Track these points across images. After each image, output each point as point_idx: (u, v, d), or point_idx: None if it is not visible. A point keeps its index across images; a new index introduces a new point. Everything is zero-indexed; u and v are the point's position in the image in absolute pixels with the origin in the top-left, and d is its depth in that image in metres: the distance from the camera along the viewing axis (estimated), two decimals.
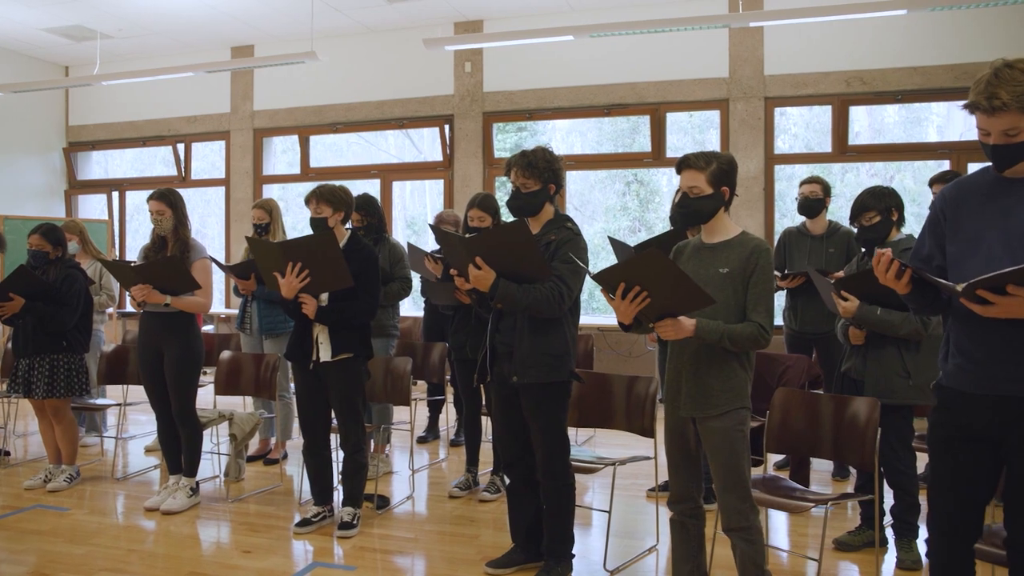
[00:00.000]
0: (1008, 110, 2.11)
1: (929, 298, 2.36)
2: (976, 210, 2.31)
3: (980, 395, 2.28)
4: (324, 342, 4.02)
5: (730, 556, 2.95)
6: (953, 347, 2.37)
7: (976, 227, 2.29)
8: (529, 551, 3.59)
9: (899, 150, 8.16)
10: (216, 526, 4.33)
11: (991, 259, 2.17)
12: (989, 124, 2.16)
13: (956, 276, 2.25)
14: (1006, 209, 2.24)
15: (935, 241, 2.42)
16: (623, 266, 2.80)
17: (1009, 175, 2.27)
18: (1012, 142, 2.17)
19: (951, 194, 2.40)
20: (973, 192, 2.34)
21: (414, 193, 11.24)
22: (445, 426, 6.26)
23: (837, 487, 4.85)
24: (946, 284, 2.20)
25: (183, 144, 9.86)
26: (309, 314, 3.92)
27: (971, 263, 2.24)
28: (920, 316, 3.38)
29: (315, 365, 4.05)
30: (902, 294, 2.33)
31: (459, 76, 8.62)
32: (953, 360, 2.36)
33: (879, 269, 2.30)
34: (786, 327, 5.25)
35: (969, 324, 2.28)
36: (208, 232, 11.01)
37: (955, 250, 2.34)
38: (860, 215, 3.76)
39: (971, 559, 2.40)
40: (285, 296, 3.90)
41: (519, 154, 3.36)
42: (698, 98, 7.92)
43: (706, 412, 2.82)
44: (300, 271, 3.82)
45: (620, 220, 10.17)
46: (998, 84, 2.11)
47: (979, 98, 2.14)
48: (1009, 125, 2.14)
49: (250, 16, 8.39)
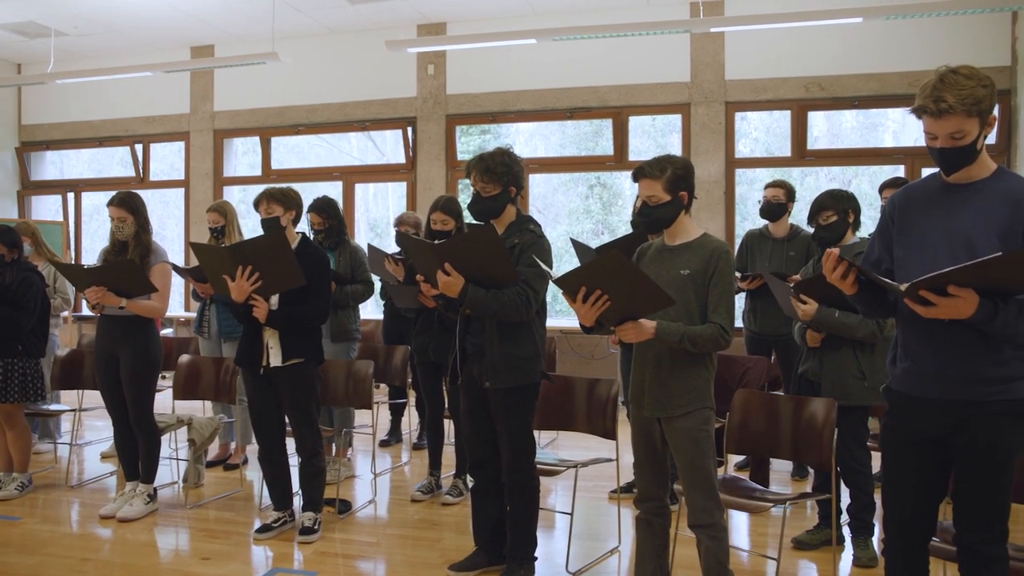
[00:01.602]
0: (953, 113, 2.18)
1: (877, 300, 2.41)
2: (922, 215, 2.38)
3: (927, 398, 2.34)
4: (274, 347, 3.97)
5: (692, 556, 2.98)
6: (901, 350, 2.43)
7: (922, 231, 2.36)
8: (492, 554, 3.58)
9: (856, 155, 8.33)
10: (174, 533, 4.26)
11: (934, 262, 2.23)
12: (935, 127, 2.23)
13: (902, 278, 2.30)
14: (950, 214, 2.31)
15: (884, 245, 2.48)
16: (584, 269, 2.82)
17: (954, 181, 2.33)
18: (957, 145, 2.23)
19: (900, 199, 2.47)
20: (920, 197, 2.41)
21: (377, 195, 11.20)
22: (407, 429, 6.23)
23: (796, 487, 4.91)
24: (891, 284, 2.25)
25: (141, 145, 9.69)
26: (260, 317, 3.86)
27: (916, 265, 2.29)
28: (874, 319, 3.44)
29: (265, 370, 4.01)
30: (849, 295, 2.38)
31: (422, 78, 8.60)
32: (901, 363, 2.42)
33: (827, 268, 2.35)
34: (746, 329, 5.31)
35: (916, 327, 2.34)
36: (167, 234, 10.85)
37: (902, 253, 2.40)
38: (817, 214, 3.83)
39: (925, 556, 2.46)
40: (235, 299, 3.84)
41: (477, 158, 3.36)
42: (660, 102, 7.99)
43: (670, 412, 2.86)
44: (250, 273, 3.78)
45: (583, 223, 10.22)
46: (944, 88, 2.18)
47: (926, 102, 2.21)
48: (954, 128, 2.21)
49: (210, 15, 8.29)
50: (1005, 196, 2.25)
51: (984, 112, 2.21)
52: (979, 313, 2.13)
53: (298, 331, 3.98)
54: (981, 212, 2.27)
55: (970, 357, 2.26)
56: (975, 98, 2.18)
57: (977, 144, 2.25)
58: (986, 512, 2.30)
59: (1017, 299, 2.15)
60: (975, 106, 2.18)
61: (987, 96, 2.20)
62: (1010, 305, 2.14)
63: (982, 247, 2.21)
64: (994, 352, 2.25)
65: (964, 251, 2.23)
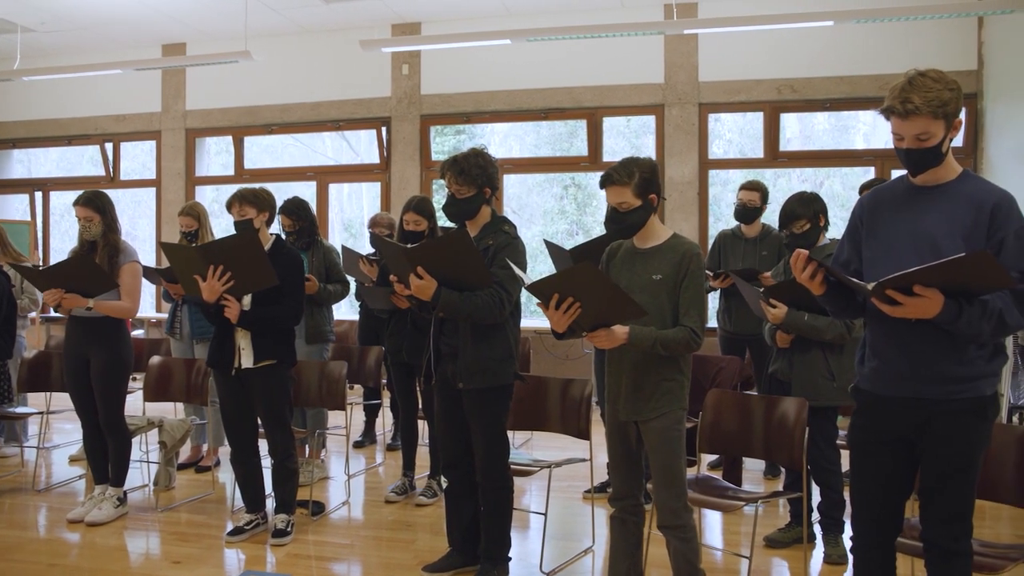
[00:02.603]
0: (920, 114, 2.23)
1: (845, 300, 2.45)
2: (890, 216, 2.42)
3: (895, 397, 2.39)
4: (246, 348, 3.95)
5: (666, 555, 3.00)
6: (869, 350, 2.47)
7: (889, 232, 2.41)
8: (466, 554, 3.58)
9: (828, 156, 8.41)
10: (145, 537, 4.21)
11: (901, 262, 2.27)
12: (903, 128, 2.28)
13: (871, 278, 2.33)
14: (917, 216, 2.36)
15: (853, 246, 2.52)
16: (556, 278, 2.83)
17: (921, 183, 2.38)
18: (923, 147, 2.28)
19: (868, 201, 2.51)
20: (888, 199, 2.46)
21: (351, 196, 11.15)
22: (381, 430, 6.20)
23: (768, 485, 4.95)
24: (858, 284, 2.29)
25: (111, 143, 9.56)
26: (232, 318, 3.83)
27: (883, 266, 2.33)
28: (843, 320, 3.48)
29: (237, 372, 3.97)
30: (817, 295, 2.42)
31: (396, 78, 8.57)
32: (869, 363, 2.46)
33: (796, 268, 2.38)
34: (720, 328, 5.35)
35: (883, 327, 2.38)
36: (139, 234, 10.72)
37: (870, 254, 2.45)
38: (790, 223, 3.86)
39: (891, 553, 2.50)
40: (207, 300, 3.81)
41: (451, 160, 3.35)
42: (634, 103, 8.02)
43: (644, 416, 2.88)
44: (222, 273, 3.74)
45: (558, 223, 10.25)
46: (911, 90, 2.23)
47: (894, 103, 2.26)
48: (921, 129, 2.25)
49: (182, 13, 8.20)
50: (969, 199, 2.30)
51: (950, 115, 2.26)
52: (944, 313, 2.17)
53: (271, 332, 3.96)
54: (946, 214, 2.31)
55: (936, 356, 2.31)
56: (941, 100, 2.22)
57: (943, 146, 2.29)
58: (951, 509, 2.34)
59: (981, 299, 2.19)
60: (941, 108, 2.23)
61: (953, 99, 2.24)
62: (974, 305, 2.18)
63: (947, 248, 2.25)
64: (959, 351, 2.30)
65: (930, 252, 2.27)
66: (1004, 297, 2.21)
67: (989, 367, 2.33)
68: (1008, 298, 2.21)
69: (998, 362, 2.35)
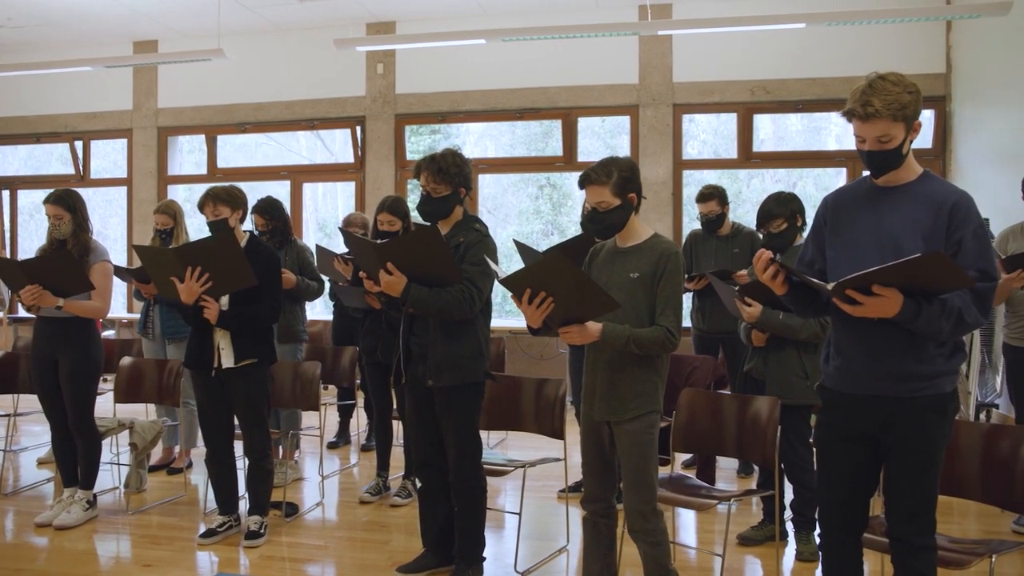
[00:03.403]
0: (880, 117, 2.27)
1: (808, 300, 2.48)
2: (853, 216, 2.46)
3: (858, 396, 2.43)
4: (226, 348, 3.92)
5: (639, 555, 3.01)
6: (833, 349, 2.51)
7: (852, 232, 2.45)
8: (440, 555, 3.57)
9: (800, 157, 8.49)
10: (115, 540, 4.16)
11: (864, 262, 2.30)
12: (864, 131, 2.32)
13: (834, 278, 2.37)
14: (879, 216, 2.40)
15: (817, 246, 2.56)
16: (529, 271, 2.83)
17: (883, 184, 2.42)
18: (884, 148, 2.32)
19: (832, 201, 2.56)
20: (851, 199, 2.50)
21: (326, 195, 11.09)
22: (356, 431, 6.18)
23: (742, 484, 4.99)
24: (819, 284, 2.33)
25: (81, 142, 9.43)
26: (211, 319, 3.81)
27: (847, 265, 2.36)
28: (817, 319, 3.51)
29: (217, 372, 3.94)
30: (780, 295, 2.45)
31: (371, 77, 8.53)
32: (833, 361, 2.50)
33: (758, 269, 2.40)
34: (694, 327, 5.38)
35: (847, 326, 2.42)
36: (110, 234, 10.58)
37: (834, 254, 2.48)
38: (767, 223, 3.89)
39: (858, 549, 2.54)
40: (185, 301, 3.78)
41: (428, 158, 3.35)
42: (609, 104, 8.05)
43: (619, 416, 2.88)
44: (200, 274, 3.71)
45: (533, 223, 10.26)
46: (872, 93, 2.27)
47: (855, 106, 2.30)
48: (882, 132, 2.29)
49: (153, 10, 8.10)
50: (929, 199, 2.35)
51: (909, 117, 2.30)
52: (903, 312, 2.21)
53: (250, 331, 3.94)
54: (907, 214, 2.36)
55: (897, 355, 2.35)
56: (900, 103, 2.26)
57: (903, 148, 2.34)
58: (915, 505, 2.38)
59: (940, 298, 2.24)
60: (900, 111, 2.27)
61: (912, 102, 2.29)
62: (933, 304, 2.23)
63: (908, 248, 2.29)
64: (919, 350, 2.34)
65: (892, 252, 2.30)
66: (963, 296, 2.25)
67: (948, 365, 2.38)
68: (967, 297, 2.26)
69: (957, 360, 2.40)
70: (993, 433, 2.87)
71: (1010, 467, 2.75)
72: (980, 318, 2.28)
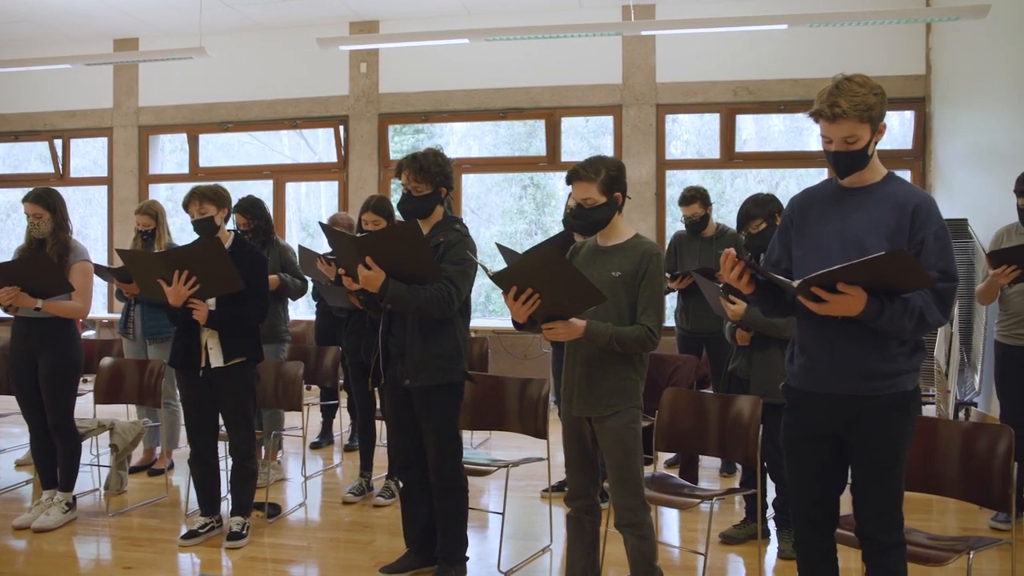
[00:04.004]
0: (847, 118, 2.30)
1: (775, 299, 2.51)
2: (819, 216, 2.50)
3: (822, 394, 2.46)
4: (214, 347, 3.91)
5: (623, 553, 3.02)
6: (797, 348, 2.55)
7: (817, 232, 2.48)
8: (423, 555, 3.57)
9: (782, 158, 8.54)
10: (95, 542, 4.12)
11: (829, 261, 2.33)
12: (831, 131, 2.36)
13: (800, 277, 2.38)
14: (844, 216, 2.44)
15: (783, 246, 2.60)
16: (517, 266, 2.84)
17: (848, 185, 2.46)
18: (850, 149, 2.36)
19: (798, 202, 2.60)
20: (817, 200, 2.54)
21: (309, 195, 11.04)
22: (339, 431, 6.16)
23: (724, 483, 5.01)
24: (785, 282, 2.35)
25: (61, 140, 9.34)
26: (201, 320, 3.80)
27: (812, 265, 2.39)
28: (773, 317, 3.53)
29: (205, 371, 3.92)
30: (746, 294, 2.47)
31: (354, 77, 8.50)
32: (797, 360, 2.54)
33: (724, 268, 2.43)
34: (678, 327, 5.40)
35: (810, 324, 2.46)
36: (90, 233, 10.50)
37: (800, 253, 2.52)
38: (747, 223, 3.91)
39: (832, 545, 2.57)
40: (173, 304, 3.77)
41: (409, 157, 3.35)
42: (592, 104, 8.06)
43: (599, 412, 2.89)
44: (187, 278, 3.70)
45: (516, 223, 10.27)
46: (838, 94, 2.32)
47: (822, 106, 2.34)
48: (848, 133, 2.33)
49: (133, 8, 8.03)
50: (893, 200, 2.39)
51: (875, 119, 2.34)
52: (867, 310, 2.24)
53: (239, 330, 3.92)
54: (872, 215, 2.39)
55: (860, 353, 2.38)
56: (866, 105, 2.30)
57: (869, 149, 2.38)
58: (882, 504, 2.41)
59: (902, 297, 2.27)
60: (866, 112, 2.31)
61: (877, 103, 2.33)
62: (895, 302, 2.26)
63: (872, 247, 2.32)
64: (882, 348, 2.37)
65: (856, 251, 2.33)
66: (925, 296, 2.29)
67: (910, 363, 2.41)
68: (929, 297, 2.29)
69: (918, 358, 2.44)
70: (972, 431, 2.90)
71: (988, 465, 2.78)
72: (941, 318, 2.32)
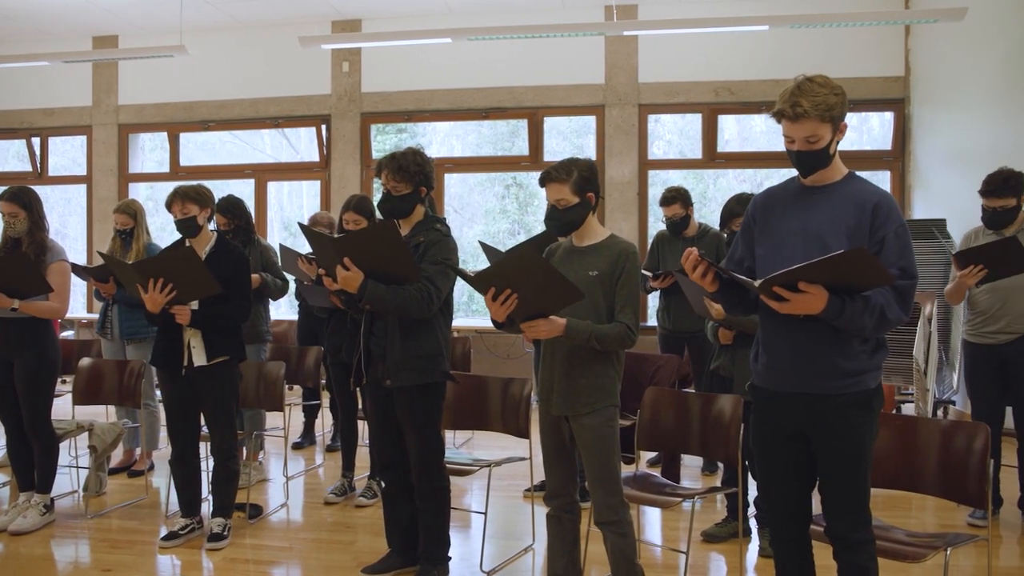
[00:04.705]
0: (809, 117, 2.33)
1: (738, 297, 2.53)
2: (781, 215, 2.53)
3: (787, 393, 2.48)
4: (197, 347, 3.88)
5: (603, 551, 3.03)
6: (761, 347, 2.57)
7: (780, 231, 2.51)
8: (405, 555, 3.56)
9: (763, 158, 8.57)
10: (74, 545, 4.09)
11: (791, 260, 2.35)
12: (793, 131, 2.39)
13: (763, 276, 2.40)
14: (806, 215, 2.46)
15: (746, 245, 2.62)
16: (496, 267, 2.84)
17: (810, 184, 2.49)
18: (812, 149, 2.39)
19: (761, 201, 2.62)
20: (780, 199, 2.57)
21: (291, 194, 10.99)
22: (321, 431, 6.13)
23: (706, 481, 5.03)
24: (747, 281, 2.37)
25: (39, 138, 9.25)
26: (183, 322, 3.78)
27: (775, 263, 2.41)
28: (736, 315, 3.55)
29: (187, 371, 3.90)
30: (710, 292, 2.49)
31: (336, 76, 8.48)
32: (761, 359, 2.56)
33: (687, 267, 2.44)
34: (659, 327, 5.42)
35: (773, 323, 2.48)
36: (69, 233, 10.39)
37: (763, 252, 2.54)
38: (730, 221, 3.93)
39: (807, 542, 2.59)
40: (151, 311, 3.75)
41: (389, 157, 3.35)
42: (575, 104, 8.08)
43: (576, 411, 2.91)
44: (163, 286, 3.68)
45: (499, 223, 10.26)
46: (800, 94, 2.34)
47: (784, 106, 2.37)
48: (810, 132, 2.36)
49: (113, 4, 7.97)
50: (853, 199, 2.41)
51: (836, 118, 2.37)
52: (828, 308, 2.26)
53: (222, 329, 3.91)
54: (833, 213, 2.42)
55: (823, 352, 2.40)
56: (827, 104, 2.33)
57: (830, 148, 2.41)
58: (849, 501, 2.44)
59: (863, 295, 2.29)
60: (827, 112, 2.33)
61: (838, 103, 2.36)
62: (856, 300, 2.28)
63: (833, 246, 2.35)
64: (844, 346, 2.39)
65: (818, 250, 2.35)
66: (885, 293, 2.31)
67: (872, 361, 2.44)
68: (889, 294, 2.32)
69: (880, 356, 2.46)
70: (950, 429, 2.92)
71: (965, 462, 2.81)
72: (901, 315, 2.34)
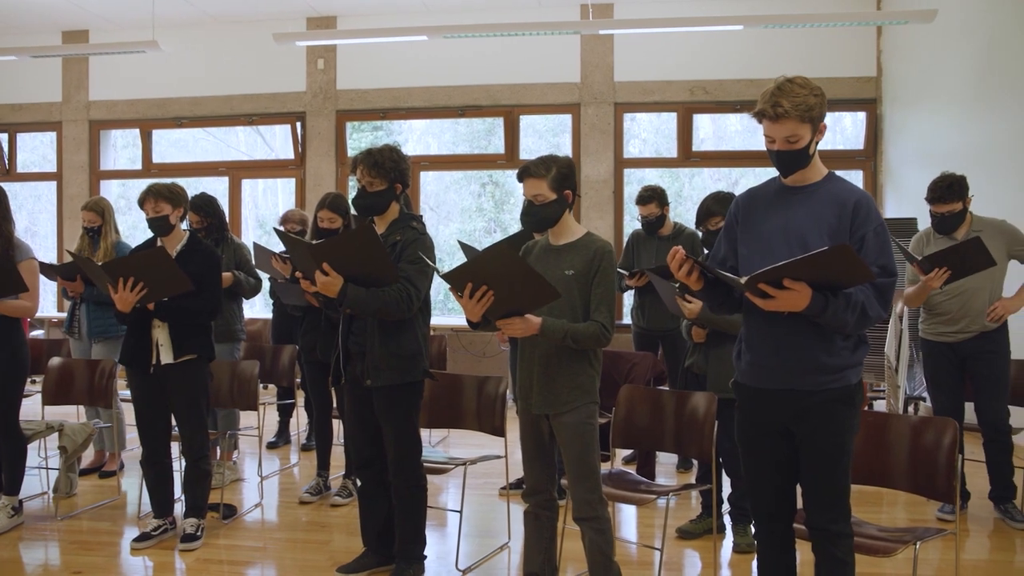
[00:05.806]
0: (789, 117, 2.37)
1: (723, 296, 2.56)
2: (763, 214, 2.56)
3: (770, 390, 2.52)
4: (165, 344, 3.84)
5: (580, 548, 3.04)
6: (744, 344, 2.60)
7: (762, 230, 2.54)
8: (381, 554, 3.55)
9: (738, 157, 8.65)
10: (43, 547, 4.03)
11: (774, 258, 2.38)
12: (773, 131, 2.42)
13: (746, 274, 2.44)
14: (787, 214, 2.50)
15: (729, 244, 2.66)
16: (469, 264, 2.84)
17: (791, 183, 2.53)
18: (792, 148, 2.43)
19: (743, 201, 2.66)
20: (762, 199, 2.60)
21: (266, 192, 10.91)
22: (296, 430, 6.10)
23: (681, 478, 5.06)
24: (732, 279, 2.40)
25: (6, 134, 9.10)
26: (150, 307, 3.75)
27: (758, 262, 2.45)
28: (721, 314, 3.59)
29: (155, 369, 3.86)
30: (694, 290, 2.52)
31: (312, 73, 8.43)
32: (745, 357, 2.59)
33: (673, 265, 2.46)
34: (634, 325, 5.44)
35: (757, 321, 2.51)
36: (39, 230, 10.24)
37: (746, 251, 2.58)
38: (706, 220, 3.95)
39: (790, 537, 2.63)
40: (121, 310, 3.71)
41: (365, 152, 3.33)
42: (551, 102, 8.09)
43: (557, 409, 2.92)
44: (133, 285, 3.64)
45: (475, 221, 10.26)
46: (780, 95, 2.38)
47: (765, 107, 2.40)
48: (790, 132, 2.40)
49: None
50: (833, 198, 2.46)
51: (815, 119, 2.41)
52: (812, 305, 2.30)
53: (189, 325, 3.87)
54: (814, 213, 2.46)
55: (806, 348, 2.45)
56: (807, 105, 2.37)
57: (810, 149, 2.45)
58: (829, 496, 2.48)
59: (844, 292, 2.33)
60: (807, 112, 2.37)
61: (818, 104, 2.40)
62: (839, 298, 2.33)
63: (814, 245, 2.38)
64: (826, 343, 2.44)
65: (800, 249, 2.40)
66: (866, 291, 2.36)
67: (854, 357, 2.48)
68: (869, 292, 2.36)
69: (861, 352, 2.51)
70: (919, 425, 2.97)
71: (934, 458, 2.85)
72: (881, 312, 2.39)
